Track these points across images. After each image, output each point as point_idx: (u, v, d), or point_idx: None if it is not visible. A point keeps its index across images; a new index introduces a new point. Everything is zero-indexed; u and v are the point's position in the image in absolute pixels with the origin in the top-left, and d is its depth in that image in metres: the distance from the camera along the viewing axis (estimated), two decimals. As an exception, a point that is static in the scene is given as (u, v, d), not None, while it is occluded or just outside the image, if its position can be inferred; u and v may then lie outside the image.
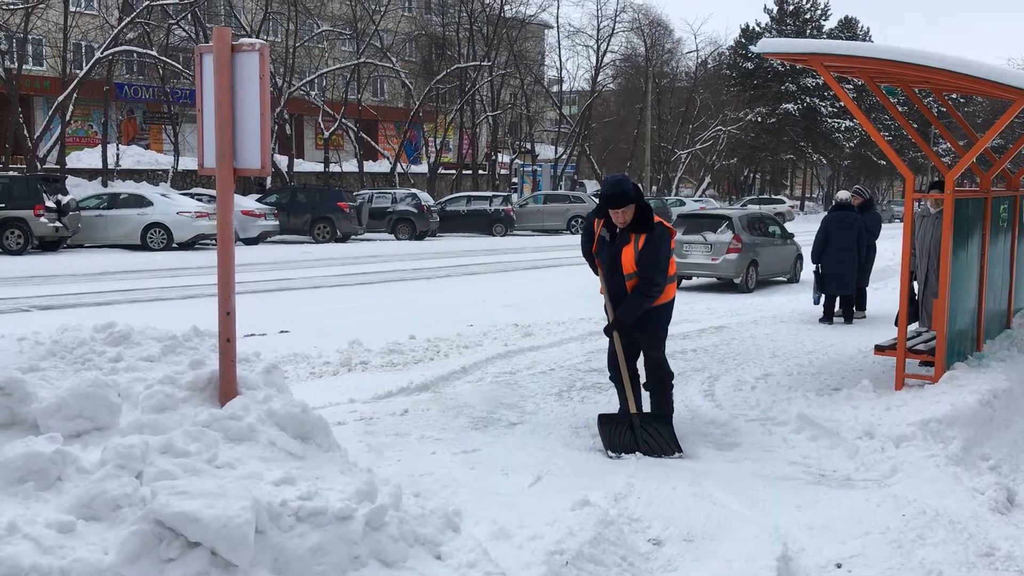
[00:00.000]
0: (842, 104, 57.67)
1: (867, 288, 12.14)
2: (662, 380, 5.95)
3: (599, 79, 50.97)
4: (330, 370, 8.10)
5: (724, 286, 15.63)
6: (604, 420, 5.88)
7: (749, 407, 6.85)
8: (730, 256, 14.98)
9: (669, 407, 5.98)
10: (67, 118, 30.58)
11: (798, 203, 65.07)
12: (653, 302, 5.74)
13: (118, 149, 34.56)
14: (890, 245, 19.78)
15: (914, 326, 8.56)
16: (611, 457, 5.58)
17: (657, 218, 5.77)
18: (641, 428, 5.72)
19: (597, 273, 6.09)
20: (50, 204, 21.31)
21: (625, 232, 5.74)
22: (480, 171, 46.46)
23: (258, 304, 12.39)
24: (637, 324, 5.82)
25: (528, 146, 50.93)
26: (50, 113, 30.09)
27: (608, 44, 50.52)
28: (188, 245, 23.40)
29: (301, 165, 41.19)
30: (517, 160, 51.57)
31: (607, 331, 5.91)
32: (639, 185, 5.83)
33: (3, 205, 20.95)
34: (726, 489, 5.02)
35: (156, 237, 23.04)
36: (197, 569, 2.85)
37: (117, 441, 3.29)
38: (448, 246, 27.31)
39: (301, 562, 3.07)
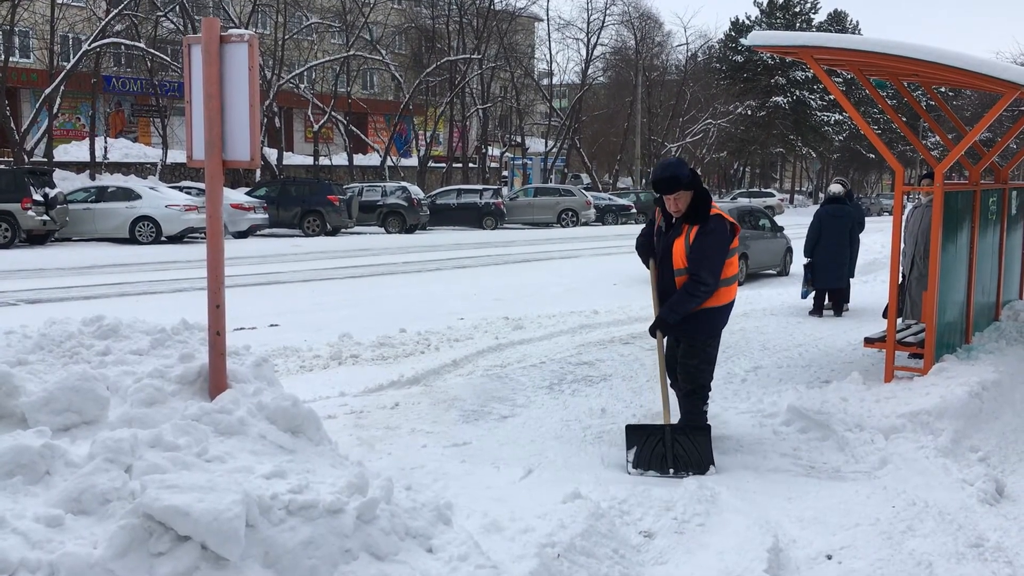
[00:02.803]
0: (832, 97, 57.90)
1: (851, 281, 12.15)
2: (693, 391, 5.50)
3: (589, 72, 51.01)
4: (320, 363, 8.08)
5: (714, 279, 15.63)
6: (634, 431, 5.32)
7: (739, 399, 6.87)
8: (720, 249, 14.97)
9: (698, 418, 5.54)
10: (54, 111, 30.37)
11: (788, 196, 65.28)
12: (701, 303, 5.25)
13: (106, 142, 34.39)
14: (878, 238, 19.87)
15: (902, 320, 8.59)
16: (630, 473, 5.17)
17: (717, 210, 5.28)
18: (674, 441, 5.21)
19: (647, 260, 5.59)
20: (38, 197, 21.18)
21: (679, 223, 5.28)
22: (470, 164, 46.42)
23: (248, 297, 12.35)
24: (679, 327, 5.37)
25: (518, 139, 50.91)
26: (37, 106, 29.86)
27: (598, 37, 50.65)
28: (177, 238, 23.31)
29: (291, 158, 41.08)
30: (507, 153, 51.53)
31: (651, 331, 5.50)
32: (697, 171, 5.47)
33: (-10, 198, 20.86)
34: (717, 481, 5.03)
35: (145, 230, 22.94)
36: (187, 563, 2.84)
37: (106, 435, 3.27)
38: (438, 239, 27.28)
39: (292, 555, 3.06)
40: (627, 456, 5.28)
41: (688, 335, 5.42)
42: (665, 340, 5.59)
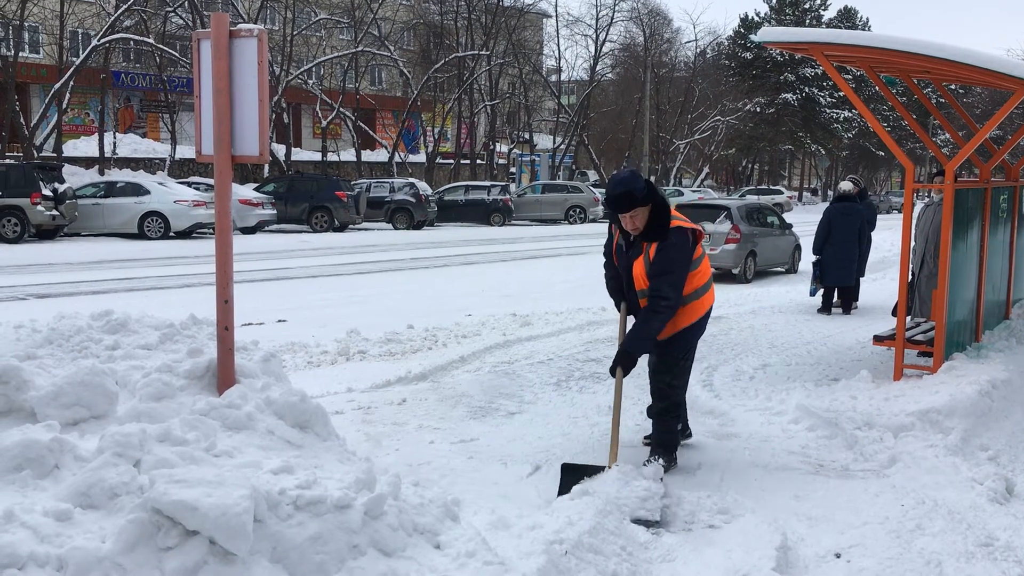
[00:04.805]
0: (840, 94, 57.70)
1: (861, 279, 12.11)
2: (665, 409, 5.13)
3: (598, 69, 50.88)
4: (328, 359, 8.09)
5: (722, 276, 15.60)
6: (569, 471, 4.65)
7: (748, 397, 6.85)
8: (728, 246, 14.98)
9: (671, 439, 5.19)
10: (64, 106, 30.48)
11: (796, 194, 65.09)
12: (665, 322, 4.84)
13: (115, 137, 34.46)
14: (888, 236, 19.80)
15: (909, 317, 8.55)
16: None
17: (678, 221, 4.87)
18: None
19: (619, 305, 5.17)
20: (47, 192, 21.26)
21: (638, 241, 4.90)
22: (478, 161, 46.38)
23: (256, 293, 12.37)
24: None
25: (526, 136, 50.84)
26: (47, 101, 29.97)
27: (607, 33, 50.48)
28: (185, 234, 23.37)
29: (299, 154, 41.11)
30: (515, 150, 51.48)
31: (611, 370, 4.94)
32: (651, 181, 4.99)
33: (0, 193, 20.91)
34: (724, 479, 5.02)
35: (153, 226, 23.00)
36: (195, 558, 2.84)
37: (115, 429, 3.28)
38: (446, 236, 27.28)
39: (300, 551, 3.06)
40: (558, 493, 4.53)
41: (661, 351, 5.05)
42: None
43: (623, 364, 4.85)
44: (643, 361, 5.12)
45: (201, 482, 2.94)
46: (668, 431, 5.18)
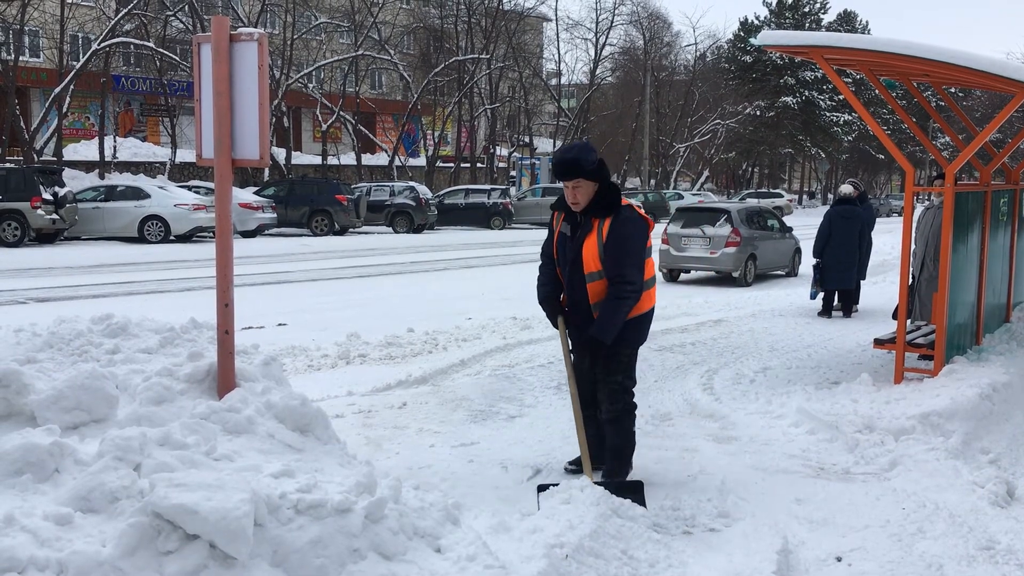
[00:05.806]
0: (840, 97, 57.75)
1: (861, 282, 12.11)
2: (623, 412, 4.78)
3: (598, 72, 50.94)
4: (328, 363, 8.08)
5: (723, 279, 15.63)
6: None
7: (748, 400, 6.85)
8: (728, 250, 14.98)
9: (628, 444, 4.85)
10: (64, 110, 30.51)
11: (796, 197, 65.14)
12: (632, 307, 4.58)
13: (115, 141, 34.47)
14: (888, 239, 19.81)
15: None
16: None
17: (627, 201, 4.68)
18: None
19: (555, 318, 4.88)
20: (47, 196, 21.26)
21: (586, 218, 4.60)
22: (478, 164, 46.40)
23: (256, 297, 12.37)
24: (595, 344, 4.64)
25: (526, 139, 50.86)
26: (47, 105, 29.99)
27: (607, 37, 50.59)
28: (186, 238, 23.37)
29: (299, 158, 41.13)
30: (515, 153, 51.51)
31: (588, 341, 4.60)
32: (604, 161, 4.71)
33: (0, 197, 20.92)
34: (725, 482, 5.02)
35: (153, 229, 23.01)
36: (195, 562, 2.83)
37: (115, 433, 3.27)
38: (446, 239, 27.28)
39: (300, 555, 3.06)
40: None
41: (609, 350, 4.67)
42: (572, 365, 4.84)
43: (594, 351, 4.64)
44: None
45: (201, 486, 2.94)
46: (626, 435, 4.84)
